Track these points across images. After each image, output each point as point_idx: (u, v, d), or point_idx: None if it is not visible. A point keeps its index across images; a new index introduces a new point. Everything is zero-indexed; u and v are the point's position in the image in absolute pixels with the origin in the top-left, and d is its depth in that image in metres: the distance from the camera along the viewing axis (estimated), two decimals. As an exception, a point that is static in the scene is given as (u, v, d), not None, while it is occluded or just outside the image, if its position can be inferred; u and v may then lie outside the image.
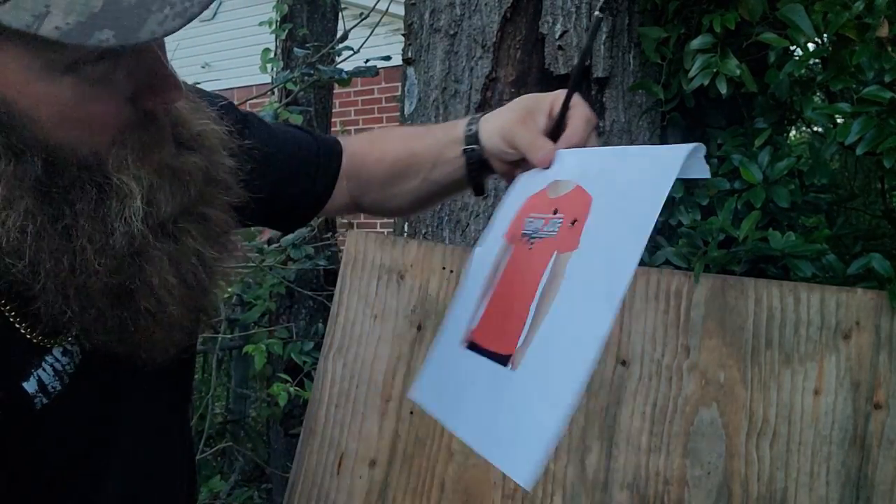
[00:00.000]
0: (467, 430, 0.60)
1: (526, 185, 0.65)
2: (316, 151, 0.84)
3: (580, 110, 0.65)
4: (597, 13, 0.62)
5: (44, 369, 0.53)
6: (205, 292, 0.57)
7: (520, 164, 0.68)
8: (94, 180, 0.49)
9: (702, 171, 0.54)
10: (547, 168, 0.63)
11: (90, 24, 0.40)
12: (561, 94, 0.66)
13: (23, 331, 0.52)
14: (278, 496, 2.42)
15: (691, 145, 0.52)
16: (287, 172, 0.80)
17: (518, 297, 0.59)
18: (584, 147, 0.64)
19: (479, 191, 0.77)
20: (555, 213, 0.60)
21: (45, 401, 0.53)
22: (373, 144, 0.86)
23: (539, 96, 0.68)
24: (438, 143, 0.76)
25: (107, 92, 0.48)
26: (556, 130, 0.65)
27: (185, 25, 0.42)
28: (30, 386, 0.52)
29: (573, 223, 0.57)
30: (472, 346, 0.62)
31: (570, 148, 0.63)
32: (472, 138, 0.72)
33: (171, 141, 0.53)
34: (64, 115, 0.46)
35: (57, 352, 0.54)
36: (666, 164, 0.52)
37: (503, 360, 0.57)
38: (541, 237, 0.60)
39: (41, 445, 0.55)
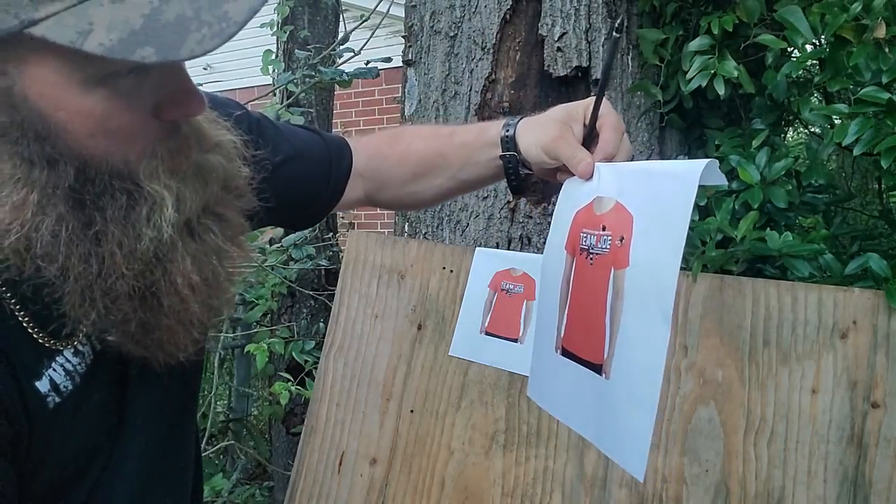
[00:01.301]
0: (586, 429, 0.66)
1: (573, 197, 0.69)
2: (327, 152, 0.86)
3: (610, 119, 0.68)
4: (614, 34, 0.63)
5: (54, 370, 0.56)
6: (222, 290, 0.59)
7: (558, 170, 0.71)
8: (124, 188, 0.51)
9: (718, 179, 0.57)
10: (589, 179, 0.66)
11: (132, 41, 0.42)
12: (591, 101, 0.69)
13: (34, 334, 0.54)
14: (280, 494, 2.43)
15: (704, 162, 0.55)
16: (301, 174, 0.82)
17: (591, 309, 0.64)
18: (616, 154, 0.67)
19: (519, 192, 0.79)
20: (603, 229, 0.64)
21: (57, 399, 0.55)
22: (392, 145, 0.88)
23: (570, 107, 0.72)
24: (468, 145, 0.79)
25: (135, 103, 0.49)
26: (588, 136, 0.69)
27: (222, 45, 0.44)
28: (42, 386, 0.55)
29: (621, 240, 0.61)
30: (566, 353, 0.68)
31: (605, 158, 0.66)
32: (509, 143, 0.74)
33: (196, 148, 0.56)
34: (97, 126, 0.48)
35: (68, 353, 0.57)
36: (685, 182, 0.55)
37: (597, 368, 0.63)
38: (597, 253, 0.64)
39: (55, 442, 0.56)
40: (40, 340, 0.54)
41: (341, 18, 2.85)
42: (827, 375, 1.01)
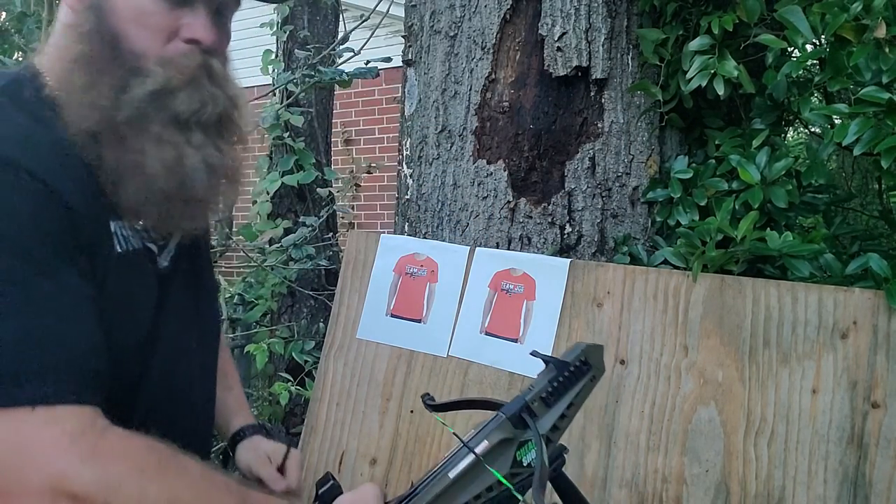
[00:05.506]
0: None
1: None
2: None
3: (294, 460, 0.96)
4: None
5: (120, 226, 0.72)
6: (195, 190, 0.71)
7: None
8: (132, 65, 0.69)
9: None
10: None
11: None
12: (281, 448, 0.96)
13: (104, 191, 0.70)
14: (280, 495, 2.42)
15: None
16: None
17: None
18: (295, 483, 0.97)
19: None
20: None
21: (118, 250, 0.71)
22: None
23: (271, 451, 0.98)
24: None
25: (167, 22, 0.70)
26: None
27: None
28: (113, 228, 0.70)
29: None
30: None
31: (288, 488, 0.95)
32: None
33: (205, 76, 0.71)
34: (135, 17, 0.68)
35: (124, 221, 0.72)
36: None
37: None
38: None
39: (119, 290, 0.71)
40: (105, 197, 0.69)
41: (341, 18, 2.85)
42: (827, 375, 1.01)
